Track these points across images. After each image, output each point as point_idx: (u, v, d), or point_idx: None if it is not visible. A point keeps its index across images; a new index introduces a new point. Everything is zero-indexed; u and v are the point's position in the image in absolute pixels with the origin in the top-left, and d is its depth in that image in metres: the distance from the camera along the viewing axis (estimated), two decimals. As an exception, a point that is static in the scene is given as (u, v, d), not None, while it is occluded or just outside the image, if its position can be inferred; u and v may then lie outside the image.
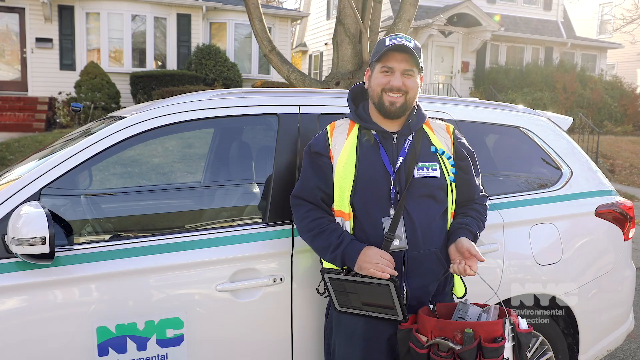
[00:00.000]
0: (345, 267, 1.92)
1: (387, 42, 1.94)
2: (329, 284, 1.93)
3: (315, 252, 2.01)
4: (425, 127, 2.04)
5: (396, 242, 1.89)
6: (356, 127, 2.02)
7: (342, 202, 1.95)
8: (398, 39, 1.93)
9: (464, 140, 2.11)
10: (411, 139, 1.99)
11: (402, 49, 1.91)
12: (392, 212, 1.91)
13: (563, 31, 19.43)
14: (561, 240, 2.58)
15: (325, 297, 2.04)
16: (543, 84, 16.75)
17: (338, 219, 1.98)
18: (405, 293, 1.93)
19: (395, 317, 1.89)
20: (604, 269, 2.72)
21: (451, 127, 2.10)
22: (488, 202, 2.18)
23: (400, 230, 1.90)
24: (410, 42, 1.94)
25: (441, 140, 2.03)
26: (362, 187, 1.92)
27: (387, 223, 1.90)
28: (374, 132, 1.99)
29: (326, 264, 1.99)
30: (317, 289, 2.10)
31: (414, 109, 2.02)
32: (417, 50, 1.94)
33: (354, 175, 1.93)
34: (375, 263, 1.81)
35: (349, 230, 1.95)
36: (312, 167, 2.01)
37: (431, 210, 1.96)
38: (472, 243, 1.90)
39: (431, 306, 1.93)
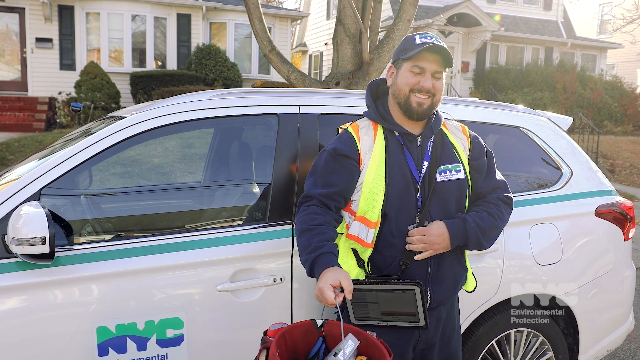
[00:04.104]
0: (367, 278, 1.87)
1: (419, 41, 1.84)
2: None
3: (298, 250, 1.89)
4: (442, 128, 2.00)
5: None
6: (380, 128, 1.93)
7: (370, 210, 1.86)
8: (429, 37, 1.85)
9: (480, 140, 2.05)
10: (433, 140, 1.94)
11: (437, 49, 1.83)
12: (418, 219, 1.87)
13: (563, 31, 19.43)
14: (561, 240, 2.58)
15: (335, 313, 2.00)
16: (543, 84, 16.76)
17: (356, 224, 1.89)
18: (429, 298, 1.90)
19: (417, 323, 1.84)
20: (604, 269, 2.72)
21: (467, 128, 2.07)
22: None
23: None
24: (442, 43, 1.85)
25: (458, 141, 2.00)
26: (393, 195, 1.85)
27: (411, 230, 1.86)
28: (397, 134, 1.92)
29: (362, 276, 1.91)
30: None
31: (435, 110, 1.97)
32: (448, 52, 1.87)
33: (385, 184, 1.85)
34: (325, 293, 1.65)
35: (371, 239, 1.87)
36: (334, 169, 1.88)
37: (453, 213, 1.92)
38: (426, 228, 1.83)
39: (319, 322, 1.74)
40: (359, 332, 1.71)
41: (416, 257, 1.85)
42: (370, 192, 1.86)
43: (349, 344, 1.68)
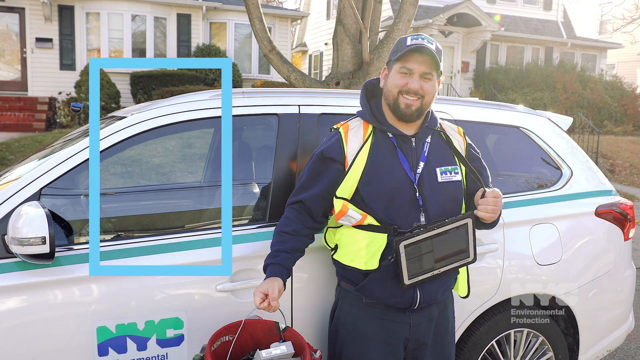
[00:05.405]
0: (419, 227, 1.83)
1: (409, 42, 1.85)
2: (402, 255, 1.80)
3: None
4: (441, 129, 2.00)
5: None
6: (371, 128, 1.94)
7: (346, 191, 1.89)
8: (420, 39, 1.85)
9: (471, 143, 2.09)
10: (429, 141, 1.94)
11: (424, 50, 1.83)
12: (423, 219, 1.86)
13: (563, 31, 19.43)
14: (561, 240, 2.58)
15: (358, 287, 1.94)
16: (543, 84, 16.76)
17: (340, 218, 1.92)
18: (418, 299, 1.90)
19: (467, 259, 1.88)
20: (604, 269, 2.72)
21: (462, 129, 2.08)
22: None
23: None
24: (432, 44, 1.86)
25: (456, 142, 2.00)
26: (380, 196, 1.86)
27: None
28: (390, 135, 1.92)
29: (380, 251, 1.86)
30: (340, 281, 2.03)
31: (429, 111, 1.97)
32: (439, 53, 1.87)
33: (370, 184, 1.86)
34: (254, 297, 1.78)
35: (358, 215, 1.86)
36: (320, 171, 1.93)
37: (453, 214, 1.92)
38: (495, 190, 1.87)
39: (282, 326, 1.91)
40: (302, 347, 1.80)
41: (485, 216, 1.84)
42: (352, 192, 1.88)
43: (281, 348, 1.80)
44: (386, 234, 1.86)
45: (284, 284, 1.86)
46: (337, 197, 1.90)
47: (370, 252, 1.87)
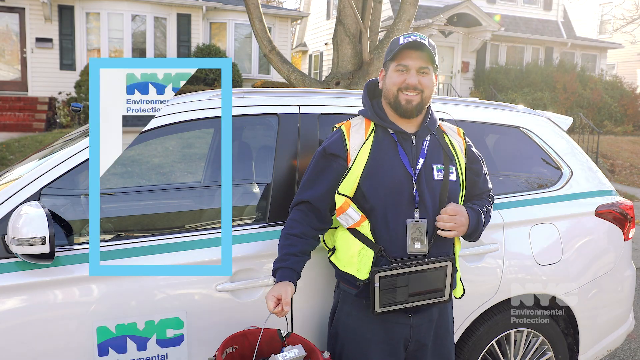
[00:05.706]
0: (399, 262, 1.87)
1: (402, 40, 1.90)
2: (377, 285, 1.86)
3: None
4: (440, 129, 2.03)
5: (417, 245, 1.88)
6: (373, 126, 1.96)
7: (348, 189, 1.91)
8: (412, 36, 1.89)
9: (471, 144, 2.11)
10: (429, 140, 1.97)
11: (417, 46, 1.87)
12: (417, 214, 1.88)
13: (563, 31, 19.43)
14: (561, 240, 2.58)
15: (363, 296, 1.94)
16: (543, 84, 16.76)
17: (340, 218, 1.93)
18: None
19: (441, 298, 1.93)
20: (604, 269, 2.72)
21: (462, 130, 2.10)
22: None
23: (423, 233, 1.88)
24: (425, 40, 1.90)
25: (455, 143, 2.02)
26: (381, 191, 1.88)
27: (410, 225, 1.87)
28: (392, 132, 1.95)
29: (369, 264, 1.89)
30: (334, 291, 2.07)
31: (429, 110, 2.00)
32: (432, 48, 1.91)
33: (372, 180, 1.88)
34: (267, 302, 1.81)
35: (357, 216, 1.89)
36: (323, 168, 1.95)
37: None
38: (454, 206, 1.92)
39: (284, 333, 1.94)
40: (312, 349, 1.83)
41: (443, 234, 1.90)
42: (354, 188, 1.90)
43: (294, 351, 1.82)
44: (373, 251, 1.89)
45: (295, 288, 1.88)
46: (339, 194, 1.92)
47: (362, 260, 1.89)
